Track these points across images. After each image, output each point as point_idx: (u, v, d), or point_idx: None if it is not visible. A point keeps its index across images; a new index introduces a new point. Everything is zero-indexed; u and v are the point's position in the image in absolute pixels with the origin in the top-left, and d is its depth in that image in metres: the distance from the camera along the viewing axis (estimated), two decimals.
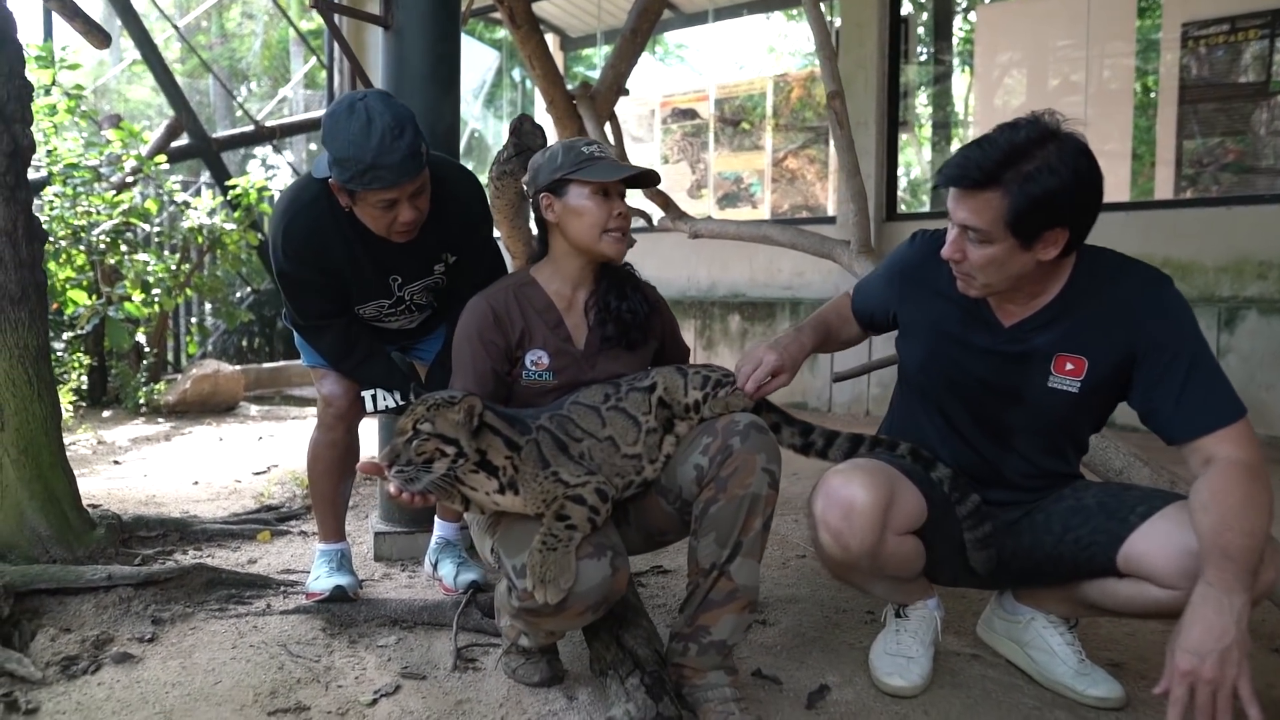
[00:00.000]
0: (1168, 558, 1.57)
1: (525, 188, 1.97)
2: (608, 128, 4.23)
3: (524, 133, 2.43)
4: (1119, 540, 1.66)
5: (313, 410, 5.93)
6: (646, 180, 1.93)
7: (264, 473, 3.90)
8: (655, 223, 3.98)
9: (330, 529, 2.39)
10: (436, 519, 2.54)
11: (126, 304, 5.46)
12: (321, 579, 2.27)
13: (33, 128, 2.39)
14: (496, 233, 2.84)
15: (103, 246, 5.39)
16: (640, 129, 8.06)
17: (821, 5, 3.03)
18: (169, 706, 1.73)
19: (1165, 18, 6.31)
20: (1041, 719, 1.72)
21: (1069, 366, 1.70)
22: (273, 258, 2.14)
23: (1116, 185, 6.57)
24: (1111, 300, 1.66)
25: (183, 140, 7.20)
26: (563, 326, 1.92)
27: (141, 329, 5.93)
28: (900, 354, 1.94)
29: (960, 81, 7.89)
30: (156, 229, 6.62)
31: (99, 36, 2.99)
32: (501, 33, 9.53)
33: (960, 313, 1.78)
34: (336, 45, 7.61)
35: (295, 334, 2.32)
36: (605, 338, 1.93)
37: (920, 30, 7.41)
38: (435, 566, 2.47)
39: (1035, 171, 1.51)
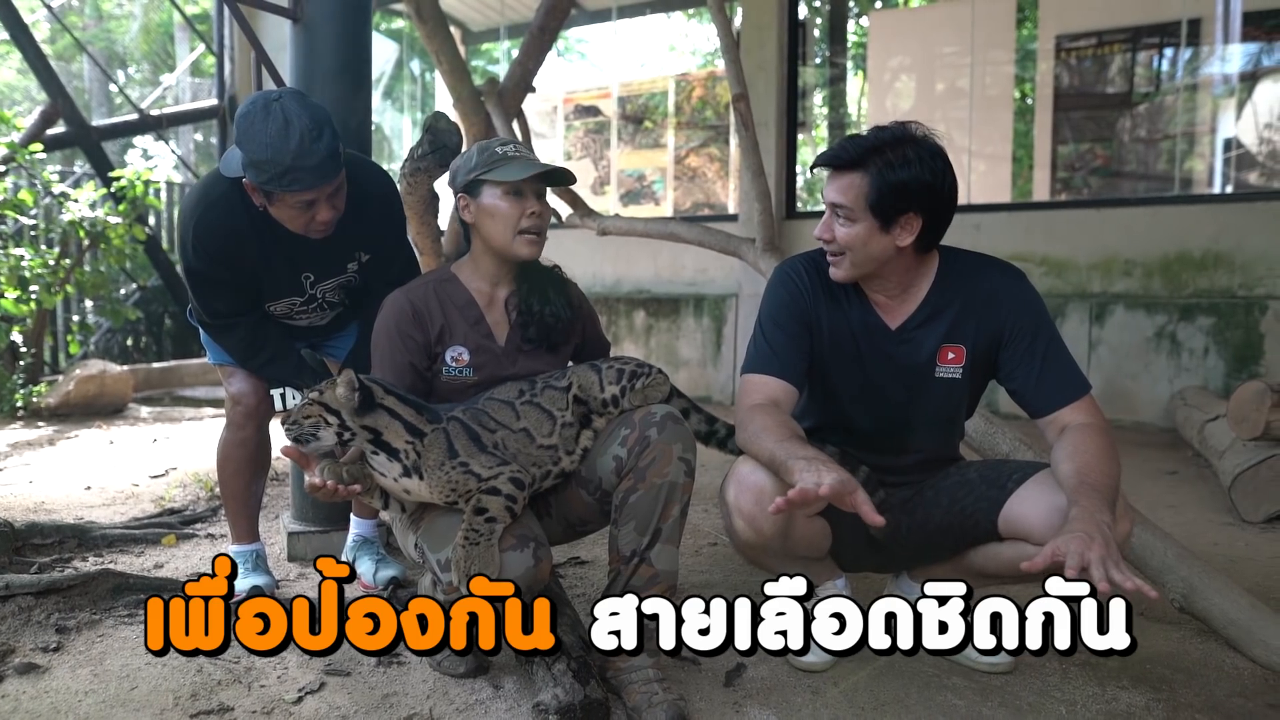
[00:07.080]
0: (1039, 516, 1.74)
1: (449, 184, 1.98)
2: (515, 125, 4.24)
3: (439, 130, 2.44)
4: (998, 505, 1.82)
5: (209, 411, 5.74)
6: (558, 178, 1.95)
7: (163, 475, 3.76)
8: (563, 219, 4.01)
9: (243, 530, 2.35)
10: (353, 516, 2.53)
11: (1, 301, 5.16)
12: (237, 580, 2.24)
13: None
14: (407, 229, 2.84)
15: None
16: (543, 125, 8.06)
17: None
18: (84, 714, 1.69)
19: (1041, 29, 6.70)
20: (941, 684, 1.85)
21: (951, 355, 1.88)
22: (181, 256, 2.11)
23: (998, 187, 6.93)
24: (979, 291, 1.86)
25: (59, 128, 6.82)
26: (483, 323, 1.95)
27: (18, 328, 5.60)
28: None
29: (854, 84, 8.19)
30: (32, 222, 6.27)
31: None
32: (400, 24, 9.37)
33: (850, 326, 1.89)
34: (229, 35, 7.34)
35: (201, 331, 2.28)
36: (527, 339, 1.97)
37: (816, 34, 7.65)
38: (353, 564, 2.46)
39: (896, 160, 1.73)
